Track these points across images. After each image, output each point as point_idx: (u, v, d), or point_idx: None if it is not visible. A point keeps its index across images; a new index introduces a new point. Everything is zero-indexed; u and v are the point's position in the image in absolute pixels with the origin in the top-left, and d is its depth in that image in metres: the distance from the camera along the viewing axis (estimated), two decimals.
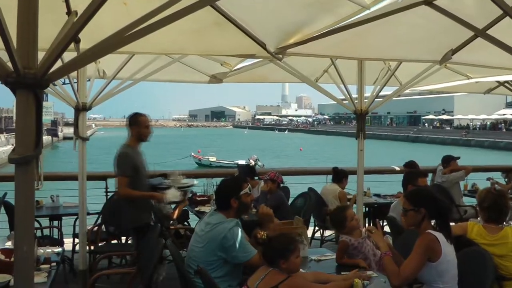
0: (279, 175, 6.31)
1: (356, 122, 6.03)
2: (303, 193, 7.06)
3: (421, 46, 4.20)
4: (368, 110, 5.88)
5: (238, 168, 7.72)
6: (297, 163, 38.58)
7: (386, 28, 3.67)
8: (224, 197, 3.62)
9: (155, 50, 4.22)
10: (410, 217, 3.35)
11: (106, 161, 41.94)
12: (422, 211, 3.30)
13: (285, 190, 7.28)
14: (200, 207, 6.57)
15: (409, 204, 3.36)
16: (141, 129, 5.00)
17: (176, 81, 7.01)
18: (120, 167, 4.88)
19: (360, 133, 5.94)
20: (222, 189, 3.72)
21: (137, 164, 4.95)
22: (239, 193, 3.60)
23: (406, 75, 6.03)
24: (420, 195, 3.43)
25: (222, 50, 4.07)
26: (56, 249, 4.05)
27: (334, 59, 5.81)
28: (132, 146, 4.99)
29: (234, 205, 3.57)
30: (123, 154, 4.90)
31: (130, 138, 5.02)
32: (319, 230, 7.54)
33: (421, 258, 3.20)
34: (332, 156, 45.99)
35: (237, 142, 71.70)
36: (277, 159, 43.11)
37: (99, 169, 9.09)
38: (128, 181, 4.89)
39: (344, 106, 5.99)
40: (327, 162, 38.37)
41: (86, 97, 5.50)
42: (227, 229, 3.42)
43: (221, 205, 3.64)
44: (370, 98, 5.91)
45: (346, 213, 4.08)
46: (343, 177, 7.26)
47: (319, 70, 6.56)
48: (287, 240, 3.10)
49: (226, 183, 3.78)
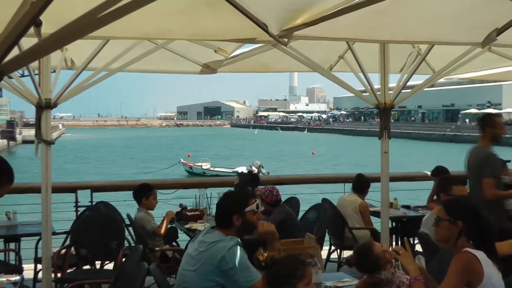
0: (273, 190, 6.19)
1: (379, 118, 6.04)
2: (316, 205, 7.07)
3: (458, 24, 4.20)
4: (393, 104, 5.89)
5: (238, 176, 7.71)
6: (308, 169, 38.53)
7: (415, 3, 3.67)
8: (226, 212, 3.64)
9: (135, 34, 4.24)
10: (442, 229, 3.35)
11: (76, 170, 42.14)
12: (459, 224, 3.30)
13: (294, 201, 7.29)
14: (191, 224, 6.58)
15: (445, 213, 3.36)
16: (497, 130, 5.88)
17: (161, 72, 7.03)
18: (490, 168, 5.70)
19: (384, 131, 5.94)
20: (224, 203, 3.75)
21: None
22: (244, 209, 3.62)
23: (441, 60, 6.03)
24: (459, 205, 3.43)
25: (216, 34, 4.09)
26: (13, 278, 4.05)
27: (351, 42, 5.81)
28: (487, 147, 5.84)
29: (237, 224, 3.60)
30: (492, 154, 5.76)
31: (482, 139, 5.92)
32: (335, 250, 7.55)
33: (458, 283, 3.19)
34: (350, 160, 45.98)
35: (237, 144, 71.68)
36: (285, 165, 43.06)
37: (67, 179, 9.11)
38: (495, 182, 5.69)
39: (365, 99, 6.00)
40: (345, 168, 38.47)
41: (50, 92, 5.51)
42: (226, 249, 3.44)
43: (221, 222, 3.66)
44: (396, 89, 5.91)
45: (375, 252, 3.73)
46: (366, 187, 7.28)
47: (333, 56, 6.57)
48: (295, 263, 3.08)
49: (230, 196, 3.81)
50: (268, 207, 6.09)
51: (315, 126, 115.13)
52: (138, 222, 6.34)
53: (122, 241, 6.10)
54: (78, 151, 57.11)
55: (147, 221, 6.34)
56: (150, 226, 6.33)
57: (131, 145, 66.27)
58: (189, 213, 6.88)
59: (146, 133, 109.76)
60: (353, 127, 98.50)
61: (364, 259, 3.77)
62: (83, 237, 6.12)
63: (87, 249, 6.13)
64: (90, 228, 6.13)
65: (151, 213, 6.53)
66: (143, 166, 41.76)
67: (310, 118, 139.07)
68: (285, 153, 55.67)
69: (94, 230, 6.08)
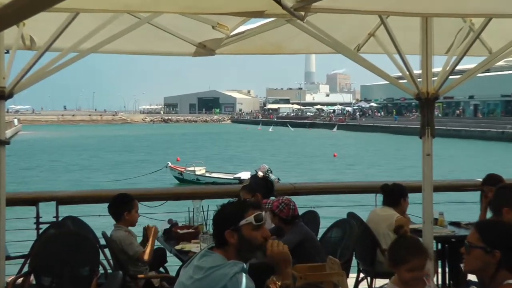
0: (290, 203, 6.18)
1: (420, 112, 6.03)
2: (341, 221, 7.08)
3: None
4: (438, 94, 5.87)
5: (250, 178, 7.78)
6: (330, 176, 38.53)
7: None
8: (217, 227, 3.69)
9: (112, 6, 4.26)
10: (474, 258, 3.35)
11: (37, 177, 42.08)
12: (496, 255, 3.29)
13: (312, 216, 7.30)
14: (183, 245, 6.59)
15: (479, 239, 3.35)
16: None
17: (145, 53, 7.04)
18: None
19: (426, 128, 5.94)
20: (216, 215, 3.78)
21: None
22: (239, 222, 3.63)
23: (499, 38, 6.02)
24: (498, 231, 3.43)
25: (214, 5, 4.10)
26: None
27: (384, 16, 5.82)
28: None
29: (232, 241, 3.61)
30: None
31: None
32: (365, 278, 7.55)
33: None
34: (383, 164, 45.94)
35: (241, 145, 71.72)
36: (300, 169, 43.10)
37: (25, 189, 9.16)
38: None
39: (401, 88, 5.99)
40: (377, 174, 38.41)
41: (4, 79, 5.51)
42: (228, 277, 3.46)
43: (217, 240, 3.70)
44: (441, 75, 5.90)
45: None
46: (400, 197, 7.26)
47: (361, 34, 6.58)
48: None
49: (223, 207, 3.80)
50: (282, 224, 6.11)
51: (337, 122, 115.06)
52: (117, 244, 6.36)
53: (95, 266, 6.11)
54: (40, 154, 57.30)
55: (129, 244, 6.34)
56: (134, 250, 6.34)
57: (106, 145, 66.26)
58: (181, 231, 6.90)
59: (126, 130, 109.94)
60: (386, 122, 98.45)
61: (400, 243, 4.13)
62: (46, 262, 6.12)
63: (50, 277, 6.13)
64: (55, 250, 6.14)
65: (132, 231, 6.56)
66: (120, 171, 41.86)
67: (331, 112, 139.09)
68: (301, 155, 55.67)
69: (59, 253, 6.09)
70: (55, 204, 7.77)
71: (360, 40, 6.65)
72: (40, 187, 29.91)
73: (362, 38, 6.62)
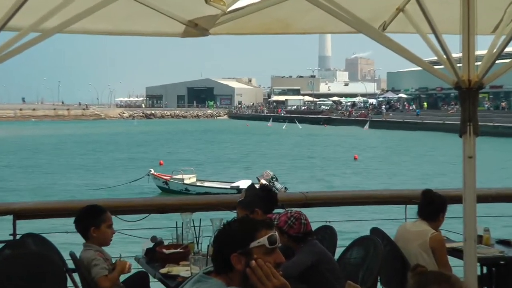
0: (301, 217, 6.15)
1: (460, 104, 6.03)
2: (362, 239, 7.13)
3: None
4: (482, 82, 5.87)
5: (246, 191, 7.65)
6: (349, 183, 38.61)
7: None
8: (221, 250, 3.65)
9: None
10: None
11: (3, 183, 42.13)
12: None
13: (328, 233, 7.30)
14: (170, 267, 6.60)
15: None
16: None
17: (123, 34, 7.04)
18: None
19: (468, 125, 5.94)
20: (219, 235, 3.75)
21: None
22: (249, 244, 3.62)
23: None
24: None
25: None
26: None
27: None
28: None
29: (239, 267, 3.59)
30: None
31: None
32: None
33: None
34: (415, 170, 45.98)
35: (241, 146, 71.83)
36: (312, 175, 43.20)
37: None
38: None
39: (437, 75, 5.99)
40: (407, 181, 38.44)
41: None
42: None
43: (217, 265, 3.67)
44: (486, 60, 5.90)
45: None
46: (440, 211, 7.27)
47: (388, 10, 6.59)
48: None
49: (230, 224, 3.77)
50: (291, 242, 6.09)
51: (359, 118, 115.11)
52: (85, 266, 6.36)
53: None
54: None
55: (93, 265, 6.32)
56: (95, 271, 6.30)
57: (74, 146, 66.63)
58: (167, 251, 6.89)
59: (99, 128, 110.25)
60: (418, 118, 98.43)
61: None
62: (29, 281, 6.13)
63: None
64: (12, 275, 6.15)
65: (105, 252, 6.56)
66: (92, 178, 41.96)
67: (351, 105, 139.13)
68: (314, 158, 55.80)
69: (18, 279, 6.11)
70: (12, 219, 7.77)
71: (386, 17, 6.66)
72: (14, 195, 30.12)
73: (389, 14, 6.63)
